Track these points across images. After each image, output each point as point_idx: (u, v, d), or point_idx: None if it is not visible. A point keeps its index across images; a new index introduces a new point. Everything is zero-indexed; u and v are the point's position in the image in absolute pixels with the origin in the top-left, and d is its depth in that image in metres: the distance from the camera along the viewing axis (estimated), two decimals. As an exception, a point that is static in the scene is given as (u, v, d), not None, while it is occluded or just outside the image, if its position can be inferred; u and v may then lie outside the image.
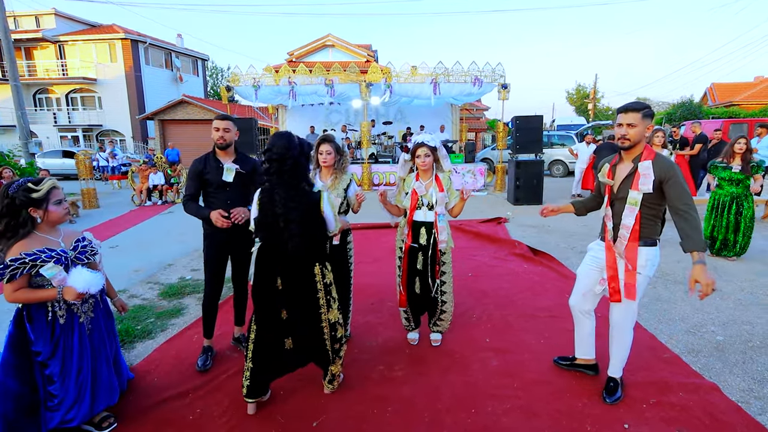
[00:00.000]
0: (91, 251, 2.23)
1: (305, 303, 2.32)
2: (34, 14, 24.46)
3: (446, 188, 2.88)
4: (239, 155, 2.86)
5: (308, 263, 2.30)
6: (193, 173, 2.78)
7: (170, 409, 2.41)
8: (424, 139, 2.84)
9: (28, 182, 2.03)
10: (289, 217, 2.15)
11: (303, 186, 2.24)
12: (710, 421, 2.22)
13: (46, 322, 2.05)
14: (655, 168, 2.15)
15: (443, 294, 2.96)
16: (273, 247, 2.25)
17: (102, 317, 2.31)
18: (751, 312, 3.52)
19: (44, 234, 2.07)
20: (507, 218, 7.52)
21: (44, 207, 2.03)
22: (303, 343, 2.38)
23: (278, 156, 2.14)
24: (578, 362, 2.69)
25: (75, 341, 2.12)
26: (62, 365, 2.07)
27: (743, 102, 21.35)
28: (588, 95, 36.63)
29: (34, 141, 13.35)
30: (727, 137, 11.52)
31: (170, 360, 2.95)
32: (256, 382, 2.31)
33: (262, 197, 2.23)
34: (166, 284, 4.52)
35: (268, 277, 2.28)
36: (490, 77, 10.81)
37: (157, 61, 25.91)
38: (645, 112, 2.17)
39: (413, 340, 3.11)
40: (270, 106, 14.94)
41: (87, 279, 2.01)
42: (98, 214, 9.11)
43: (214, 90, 35.54)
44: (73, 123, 24.58)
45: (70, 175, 15.19)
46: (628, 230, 2.22)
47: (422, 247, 2.88)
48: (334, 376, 2.47)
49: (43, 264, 1.97)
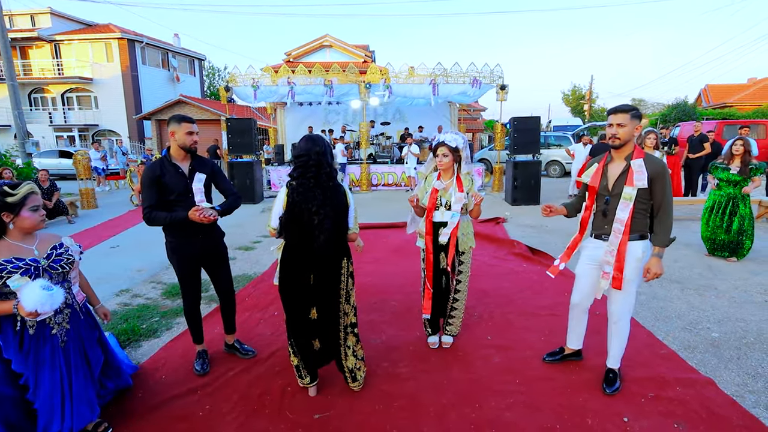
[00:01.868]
0: (67, 259, 2.07)
1: (332, 296, 2.42)
2: (30, 13, 24.32)
3: (467, 189, 2.82)
4: (197, 158, 2.69)
5: (338, 257, 2.40)
6: (151, 181, 2.52)
7: (180, 406, 2.45)
8: (445, 138, 2.81)
9: (4, 185, 1.94)
10: (325, 213, 2.24)
11: (330, 181, 2.33)
12: (707, 414, 2.29)
13: (13, 333, 1.93)
14: (647, 165, 2.31)
15: (457, 293, 2.95)
16: (303, 244, 2.31)
17: (83, 328, 2.18)
18: (745, 310, 3.60)
19: (15, 241, 1.95)
20: (505, 218, 7.59)
21: (17, 212, 1.93)
22: (328, 342, 2.48)
23: (315, 161, 2.26)
24: (567, 353, 2.83)
25: (46, 354, 1.98)
26: (35, 377, 1.96)
27: (737, 103, 21.58)
28: (584, 96, 36.86)
29: (30, 141, 13.24)
30: (721, 138, 11.67)
31: (177, 358, 2.99)
32: (311, 370, 2.48)
33: (294, 195, 2.26)
34: (169, 284, 4.55)
35: (301, 274, 2.36)
36: (489, 78, 10.89)
37: (154, 60, 25.83)
38: (633, 113, 2.32)
39: (434, 344, 3.06)
40: (268, 107, 14.97)
41: (37, 298, 1.79)
42: (97, 214, 9.10)
43: (211, 90, 35.45)
44: (69, 123, 24.46)
45: (66, 175, 15.16)
46: (622, 224, 2.35)
47: (443, 246, 2.86)
48: (351, 371, 2.51)
49: (10, 275, 1.85)
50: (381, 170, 11.94)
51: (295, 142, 2.45)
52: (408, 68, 11.12)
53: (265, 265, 5.15)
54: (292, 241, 2.35)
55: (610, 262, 2.39)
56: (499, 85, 10.84)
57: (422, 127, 14.15)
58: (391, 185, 11.89)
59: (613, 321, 2.51)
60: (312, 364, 2.48)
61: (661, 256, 2.35)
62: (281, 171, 12.08)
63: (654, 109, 32.67)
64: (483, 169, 12.09)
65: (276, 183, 12.16)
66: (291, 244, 2.36)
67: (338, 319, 2.47)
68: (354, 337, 2.53)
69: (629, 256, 2.36)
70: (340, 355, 2.50)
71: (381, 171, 11.92)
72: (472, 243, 2.91)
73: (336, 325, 2.47)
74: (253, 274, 4.82)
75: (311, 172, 2.26)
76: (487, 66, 10.89)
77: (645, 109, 37.03)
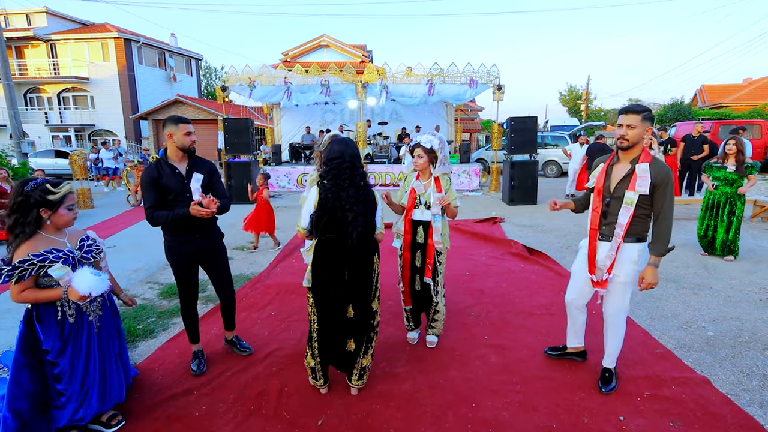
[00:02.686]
0: (97, 250, 2.24)
1: (367, 292, 2.46)
2: (25, 12, 24.19)
3: (445, 189, 2.89)
4: (194, 158, 2.69)
5: (370, 252, 2.47)
6: (150, 182, 2.54)
7: (177, 406, 2.44)
8: (420, 140, 2.89)
9: (47, 182, 2.05)
10: (357, 210, 2.30)
11: (361, 181, 2.39)
12: (702, 413, 2.30)
13: (55, 321, 2.07)
14: (652, 171, 2.24)
15: (437, 294, 2.99)
16: (336, 242, 2.34)
17: (110, 315, 2.34)
18: (740, 308, 3.62)
19: (50, 235, 2.09)
20: (503, 218, 7.61)
21: (55, 209, 2.06)
22: (361, 342, 2.49)
23: (350, 163, 2.33)
24: (569, 351, 2.83)
25: (83, 340, 2.14)
26: (71, 364, 2.10)
27: (732, 104, 21.68)
28: (580, 96, 36.95)
29: (26, 141, 13.18)
30: (717, 139, 11.74)
31: (173, 358, 2.99)
32: (326, 372, 2.52)
33: (326, 194, 2.30)
34: (166, 284, 4.54)
35: (336, 271, 2.38)
36: (485, 78, 10.91)
37: (151, 60, 25.74)
38: (645, 115, 2.23)
39: (412, 340, 3.16)
40: (265, 106, 14.95)
41: (90, 282, 1.99)
42: (94, 214, 9.06)
43: (208, 90, 35.35)
44: (65, 123, 24.35)
45: (62, 175, 15.06)
46: (622, 228, 2.32)
47: (419, 245, 2.94)
48: (364, 369, 2.51)
49: (51, 264, 1.99)
50: (378, 170, 11.94)
51: (295, 143, 2.45)
52: (405, 68, 11.12)
53: (262, 265, 5.15)
54: (325, 238, 2.37)
55: (608, 265, 2.39)
56: (496, 85, 10.86)
57: (419, 127, 14.16)
58: (388, 185, 11.89)
59: (609, 321, 2.52)
60: (339, 365, 2.52)
61: (657, 265, 2.31)
62: (279, 171, 12.06)
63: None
64: (480, 169, 12.11)
65: (273, 183, 12.13)
66: (324, 242, 2.38)
67: (371, 319, 2.50)
68: (376, 335, 2.57)
69: (625, 257, 2.35)
70: (360, 352, 2.50)
71: (378, 171, 11.92)
72: (447, 244, 2.97)
73: (368, 325, 2.50)
74: (250, 274, 4.81)
75: (346, 174, 2.31)
76: (483, 66, 10.91)
77: (641, 109, 37.13)
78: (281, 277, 4.71)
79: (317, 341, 2.46)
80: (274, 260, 5.33)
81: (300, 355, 2.97)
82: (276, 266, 5.12)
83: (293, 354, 3.01)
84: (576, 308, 2.70)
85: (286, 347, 3.11)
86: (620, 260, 2.37)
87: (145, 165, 10.01)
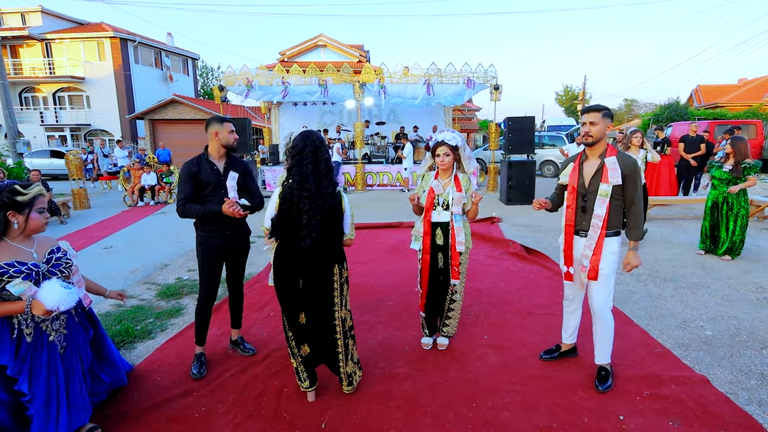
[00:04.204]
0: (66, 263, 2.07)
1: (323, 302, 2.36)
2: (20, 11, 24.00)
3: (465, 189, 2.80)
4: (231, 157, 2.82)
5: (328, 262, 2.34)
6: (188, 176, 2.68)
7: (176, 408, 2.43)
8: (444, 138, 2.77)
9: (16, 184, 1.92)
10: (312, 213, 2.18)
11: (325, 184, 2.26)
12: (701, 411, 2.31)
13: (10, 339, 1.90)
14: (620, 163, 2.40)
15: (454, 293, 2.93)
16: (293, 247, 2.27)
17: (76, 332, 2.18)
18: (738, 308, 3.64)
19: (16, 243, 1.94)
20: (500, 218, 7.62)
21: (26, 213, 1.92)
22: (317, 349, 2.44)
23: (311, 148, 2.22)
24: (564, 349, 2.88)
25: (44, 361, 1.96)
26: (29, 384, 1.93)
27: (728, 104, 21.80)
28: (577, 96, 37.09)
29: (22, 140, 13.10)
30: (713, 138, 11.79)
31: (172, 359, 2.97)
32: (310, 373, 2.45)
33: (285, 194, 2.24)
34: (164, 285, 4.52)
35: (290, 277, 2.32)
36: (483, 78, 10.92)
37: (147, 60, 25.61)
38: (604, 113, 2.41)
39: (426, 345, 3.06)
40: (263, 106, 14.91)
41: (58, 296, 1.82)
42: (90, 215, 9.01)
43: (204, 89, 35.24)
44: (60, 122, 24.17)
45: (58, 175, 15.00)
46: (600, 219, 2.43)
47: (440, 247, 2.86)
48: (349, 376, 2.49)
49: (11, 279, 1.83)
50: (376, 170, 11.94)
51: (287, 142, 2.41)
52: (402, 68, 11.12)
53: (260, 265, 5.13)
54: (281, 241, 2.33)
55: (588, 256, 2.48)
56: (493, 85, 10.88)
57: (417, 127, 14.16)
58: (386, 185, 11.89)
59: (596, 315, 2.57)
60: (305, 365, 2.45)
61: (636, 249, 2.50)
62: (276, 171, 12.03)
63: (646, 110, 32.96)
64: (478, 169, 12.12)
65: (271, 183, 12.11)
66: (281, 245, 2.34)
67: (333, 326, 2.41)
68: (352, 340, 2.50)
69: (606, 250, 2.46)
70: (338, 361, 2.45)
71: (376, 171, 11.92)
72: (469, 244, 2.91)
73: (330, 332, 2.41)
74: (248, 274, 4.79)
75: (308, 158, 2.21)
76: (481, 66, 10.92)
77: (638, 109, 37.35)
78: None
79: (293, 340, 2.41)
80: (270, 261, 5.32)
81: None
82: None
83: (292, 354, 3.00)
84: (573, 304, 2.77)
85: (284, 348, 3.09)
86: (602, 253, 2.46)
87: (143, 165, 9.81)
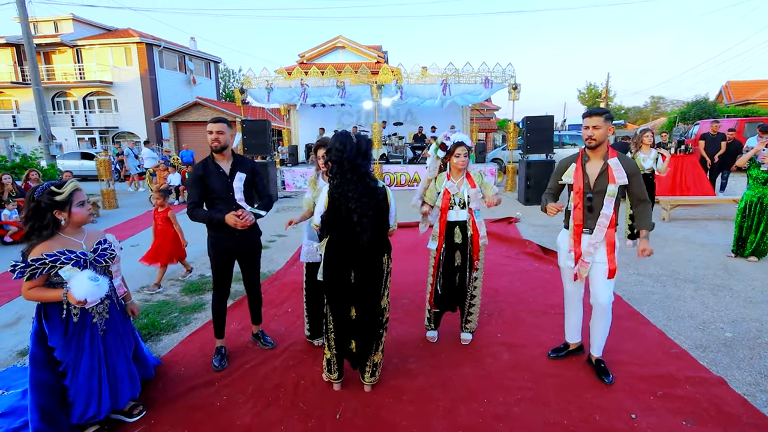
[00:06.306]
0: (110, 255, 2.25)
1: (372, 293, 2.45)
2: (53, 20, 25.05)
3: (478, 184, 2.91)
4: (236, 158, 2.84)
5: (378, 253, 2.45)
6: (195, 179, 2.72)
7: (199, 396, 2.55)
8: (463, 139, 2.89)
9: (52, 185, 2.08)
10: (362, 212, 2.28)
11: (369, 182, 2.35)
12: (716, 412, 2.29)
13: (60, 320, 2.09)
14: (623, 164, 2.50)
15: (474, 289, 3.01)
16: (345, 242, 2.37)
17: (118, 318, 2.34)
18: (761, 309, 3.56)
19: (68, 235, 2.12)
20: (518, 218, 7.58)
21: (68, 209, 2.08)
22: (365, 343, 2.51)
23: (336, 157, 2.30)
24: (572, 347, 2.91)
25: (87, 340, 2.15)
26: (74, 362, 2.12)
27: (760, 100, 20.95)
28: (600, 95, 36.29)
29: (54, 143, 13.68)
30: (742, 137, 11.40)
31: (195, 351, 3.11)
32: (341, 366, 2.56)
33: (334, 194, 2.32)
34: (188, 281, 4.70)
35: (342, 272, 2.41)
36: (501, 78, 10.86)
37: (171, 64, 26.37)
38: (606, 116, 2.50)
39: (432, 338, 3.19)
40: (282, 108, 15.17)
41: (85, 288, 1.97)
42: (118, 214, 9.38)
43: (226, 92, 35.99)
44: (90, 125, 25.16)
45: (88, 176, 15.59)
46: (607, 218, 2.49)
47: (458, 245, 2.93)
48: (375, 366, 2.56)
49: (62, 265, 2.02)
50: (394, 170, 12.00)
51: (311, 144, 2.51)
52: (420, 68, 11.15)
53: (279, 263, 5.26)
54: (333, 238, 2.42)
55: (592, 253, 2.53)
56: (511, 84, 10.80)
57: (435, 127, 14.17)
58: (403, 185, 11.94)
59: (599, 309, 2.60)
60: (350, 360, 2.55)
61: (648, 237, 2.61)
62: (295, 172, 12.24)
63: (674, 107, 31.94)
64: (496, 168, 12.05)
65: (290, 183, 12.32)
66: (332, 241, 2.43)
67: (379, 317, 2.51)
68: (385, 330, 2.60)
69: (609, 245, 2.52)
70: (371, 350, 2.53)
71: (394, 171, 11.98)
72: (485, 240, 3.01)
73: (376, 324, 2.51)
74: (267, 272, 4.93)
75: (346, 166, 2.28)
76: (498, 65, 10.85)
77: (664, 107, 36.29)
78: (297, 275, 4.81)
79: (333, 333, 2.51)
80: (290, 259, 5.45)
81: (315, 350, 3.06)
82: (293, 264, 5.23)
83: (309, 349, 3.09)
84: (575, 300, 2.81)
85: (302, 342, 3.20)
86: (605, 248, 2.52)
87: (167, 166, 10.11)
